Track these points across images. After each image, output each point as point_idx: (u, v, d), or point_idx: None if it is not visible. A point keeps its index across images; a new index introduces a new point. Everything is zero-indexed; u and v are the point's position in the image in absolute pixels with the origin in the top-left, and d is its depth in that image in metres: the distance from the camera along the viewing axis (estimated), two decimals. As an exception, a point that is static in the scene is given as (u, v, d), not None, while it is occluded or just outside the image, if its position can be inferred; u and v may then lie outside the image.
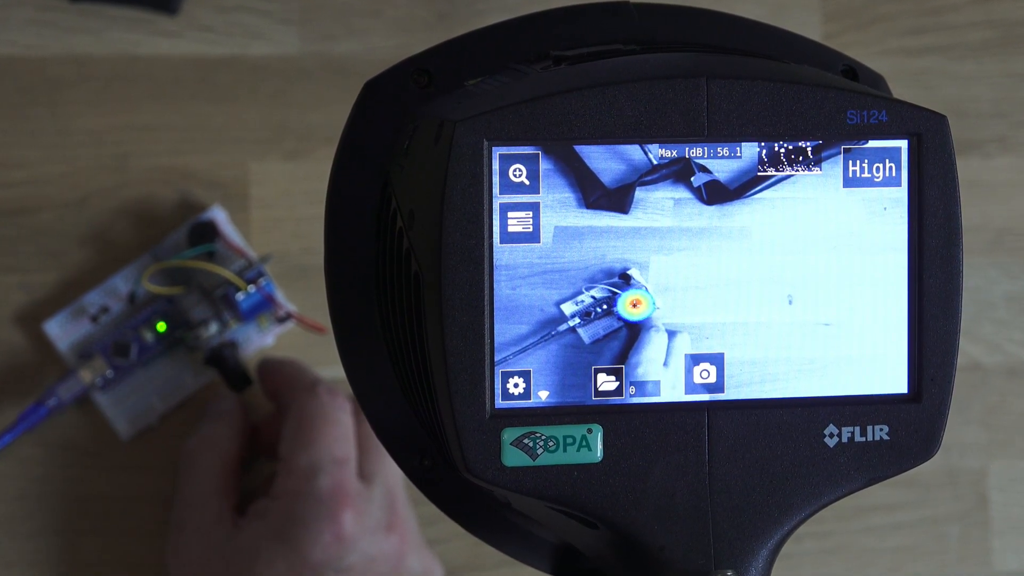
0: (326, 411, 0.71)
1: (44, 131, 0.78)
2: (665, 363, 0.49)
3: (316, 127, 0.80)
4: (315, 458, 0.70)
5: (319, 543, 0.68)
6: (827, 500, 0.49)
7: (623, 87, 0.47)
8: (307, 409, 0.71)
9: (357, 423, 0.73)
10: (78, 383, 0.76)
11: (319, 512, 0.69)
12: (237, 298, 0.76)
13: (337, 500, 0.69)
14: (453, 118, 0.47)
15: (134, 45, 0.79)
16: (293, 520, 0.69)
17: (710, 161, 0.48)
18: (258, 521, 0.70)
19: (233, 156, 0.79)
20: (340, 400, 0.72)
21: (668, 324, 0.48)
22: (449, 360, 0.47)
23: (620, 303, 0.48)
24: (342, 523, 0.68)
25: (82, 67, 0.78)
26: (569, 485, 0.48)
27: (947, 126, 0.49)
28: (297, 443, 0.71)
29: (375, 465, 0.72)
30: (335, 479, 0.69)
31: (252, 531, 0.70)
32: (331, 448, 0.70)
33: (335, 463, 0.70)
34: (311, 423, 0.71)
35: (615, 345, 0.48)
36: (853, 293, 0.49)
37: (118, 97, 0.78)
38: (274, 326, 0.78)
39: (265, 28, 0.80)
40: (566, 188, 0.48)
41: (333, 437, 0.71)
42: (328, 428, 0.71)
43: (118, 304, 0.77)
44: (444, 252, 0.47)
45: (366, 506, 0.70)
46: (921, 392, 0.50)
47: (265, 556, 0.69)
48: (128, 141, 0.78)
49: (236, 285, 0.75)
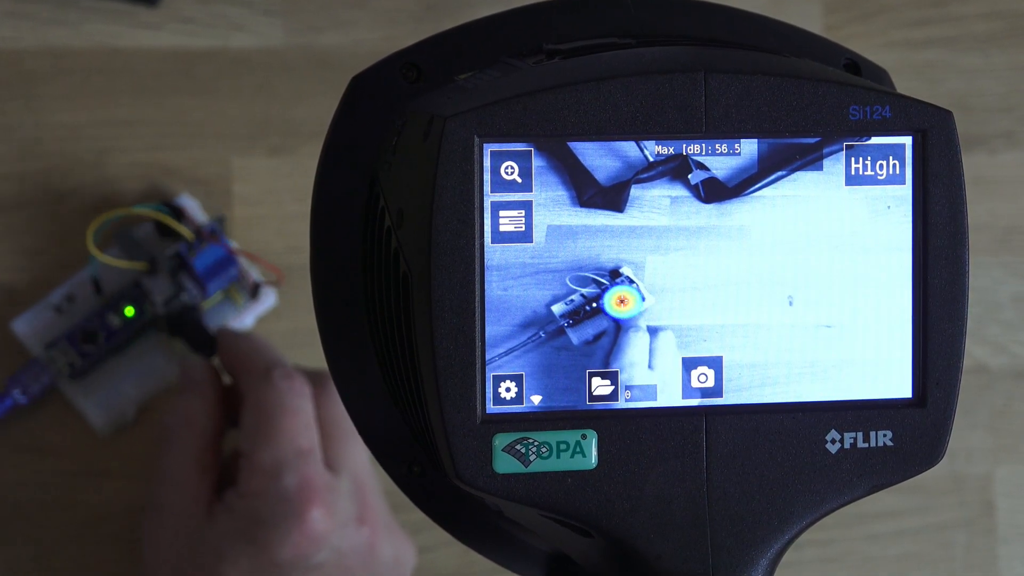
0: (284, 401, 0.70)
1: (20, 126, 0.78)
2: (650, 365, 0.49)
3: (301, 122, 0.80)
4: (278, 454, 0.69)
5: (287, 543, 0.68)
6: (829, 508, 0.49)
7: (618, 82, 0.47)
8: (264, 400, 0.70)
9: (318, 407, 0.72)
10: (43, 371, 0.75)
11: (286, 511, 0.68)
12: (191, 260, 0.75)
13: (304, 498, 0.68)
14: (443, 114, 0.47)
15: (113, 37, 0.79)
16: (259, 520, 0.68)
17: (708, 158, 0.48)
18: (226, 517, 0.70)
19: (215, 152, 0.79)
20: (298, 385, 0.71)
21: (650, 322, 0.48)
22: (439, 363, 0.47)
23: (607, 301, 0.48)
24: (310, 522, 0.68)
25: (59, 60, 0.78)
26: (562, 492, 0.48)
27: (952, 122, 0.49)
28: (258, 439, 0.70)
29: (341, 452, 0.71)
30: (301, 475, 0.69)
31: (220, 526, 0.70)
32: (294, 441, 0.69)
33: (299, 457, 0.69)
34: (270, 416, 0.70)
35: (605, 345, 0.48)
36: (855, 294, 0.49)
37: (96, 91, 0.78)
38: (251, 304, 0.77)
39: (248, 20, 0.80)
40: (559, 186, 0.48)
41: (294, 429, 0.70)
42: (288, 419, 0.70)
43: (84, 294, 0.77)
44: (434, 252, 0.47)
45: (334, 499, 0.69)
46: (926, 396, 0.50)
47: (232, 556, 0.68)
48: (107, 136, 0.78)
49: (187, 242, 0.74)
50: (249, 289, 0.77)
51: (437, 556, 0.80)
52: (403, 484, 0.54)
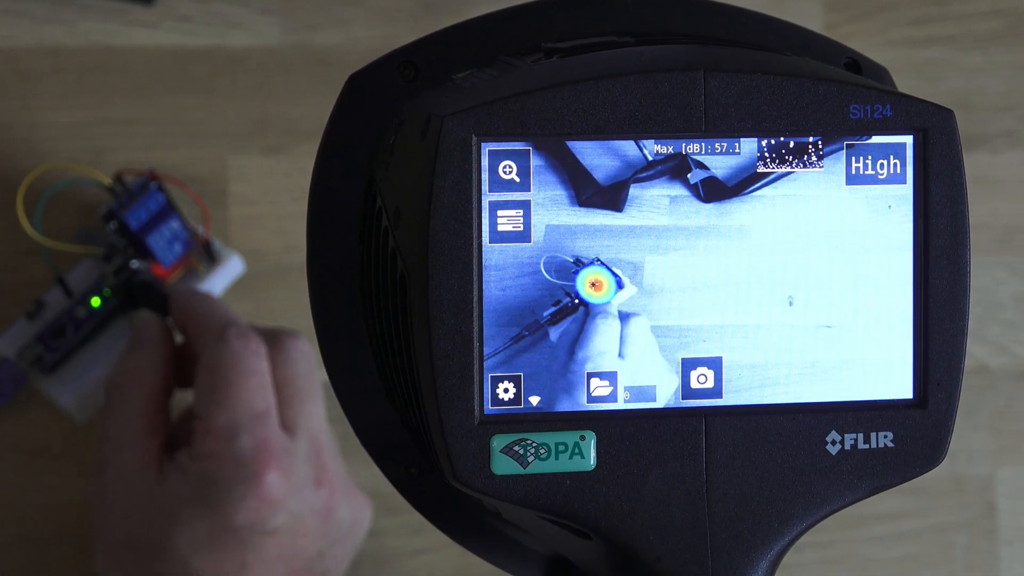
0: (239, 361, 0.69)
1: (16, 124, 0.78)
2: (620, 353, 0.48)
3: (298, 121, 0.80)
4: (234, 416, 0.68)
5: (242, 508, 0.67)
6: (829, 509, 0.49)
7: (617, 80, 0.47)
8: (219, 361, 0.69)
9: (274, 367, 0.71)
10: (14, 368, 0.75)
11: (242, 475, 0.67)
12: (127, 221, 0.75)
13: (260, 460, 0.67)
14: (440, 112, 0.47)
15: (109, 36, 0.79)
16: (214, 483, 0.67)
17: (708, 157, 0.48)
18: (179, 479, 0.69)
19: (211, 151, 0.79)
20: (253, 344, 0.70)
21: (622, 308, 0.48)
22: (436, 364, 0.47)
23: (579, 284, 0.48)
24: (266, 485, 0.67)
25: (55, 59, 0.78)
26: (561, 494, 0.48)
27: (954, 121, 0.49)
28: (213, 400, 0.69)
29: (297, 413, 0.70)
30: (256, 438, 0.68)
31: (173, 487, 0.69)
32: (249, 402, 0.68)
33: (255, 419, 0.68)
34: (225, 376, 0.69)
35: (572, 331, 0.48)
36: (856, 294, 0.49)
37: (92, 90, 0.78)
38: (214, 270, 0.76)
39: (245, 18, 0.80)
40: (558, 185, 0.47)
41: (250, 390, 0.69)
42: (243, 380, 0.69)
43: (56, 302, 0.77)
44: (431, 252, 0.47)
45: (291, 462, 0.69)
46: (927, 397, 0.50)
47: (185, 519, 0.68)
48: (102, 135, 0.78)
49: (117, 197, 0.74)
50: (200, 248, 0.76)
51: (435, 558, 0.80)
52: (401, 485, 0.54)
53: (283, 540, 0.69)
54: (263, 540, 0.68)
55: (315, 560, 0.71)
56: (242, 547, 0.68)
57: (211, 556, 0.68)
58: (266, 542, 0.68)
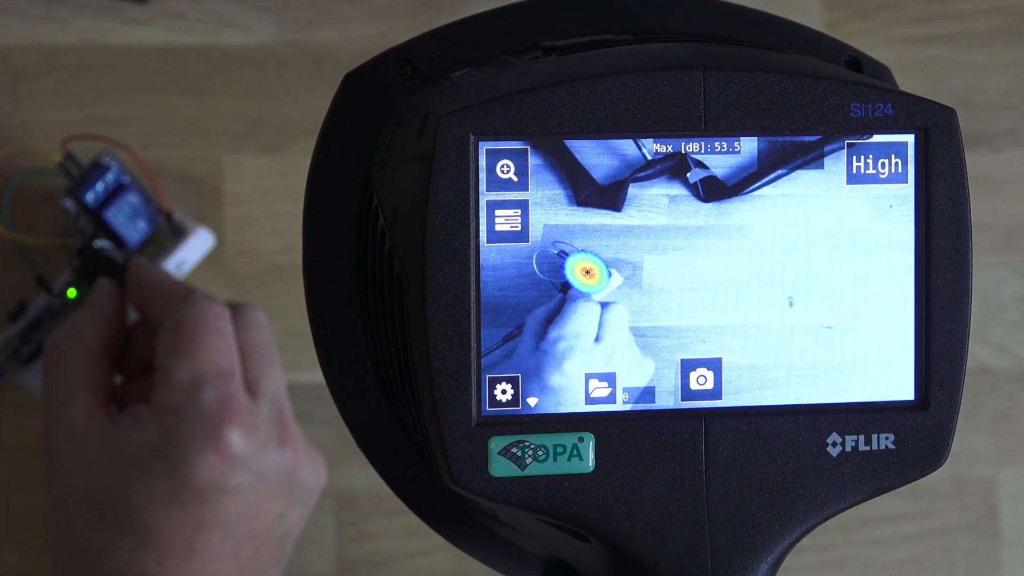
0: (207, 319, 0.69)
1: (8, 124, 0.78)
2: (597, 338, 0.48)
3: (293, 120, 0.80)
4: (199, 370, 0.68)
5: (203, 464, 0.66)
6: (830, 512, 0.49)
7: (616, 79, 0.47)
8: (186, 317, 0.69)
9: (237, 332, 0.70)
10: None
11: (203, 430, 0.67)
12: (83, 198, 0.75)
13: (223, 416, 0.67)
14: (437, 111, 0.47)
15: (103, 34, 0.79)
16: (174, 437, 0.67)
17: (707, 156, 0.48)
18: (136, 429, 0.68)
19: (206, 150, 0.79)
20: (219, 308, 0.70)
21: (604, 298, 0.48)
22: (433, 365, 0.47)
23: (569, 273, 0.48)
24: (228, 442, 0.67)
25: (48, 57, 0.78)
26: (559, 496, 0.48)
27: (955, 120, 0.49)
28: (177, 354, 0.68)
29: (260, 376, 0.70)
30: (221, 393, 0.67)
31: (129, 440, 0.68)
32: (215, 359, 0.68)
33: (220, 375, 0.68)
34: (192, 332, 0.68)
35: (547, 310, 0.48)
36: (857, 295, 0.49)
37: (86, 88, 0.78)
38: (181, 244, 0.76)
39: (240, 16, 0.80)
40: (556, 185, 0.47)
41: (215, 347, 0.69)
42: (210, 338, 0.69)
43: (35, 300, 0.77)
44: (428, 252, 0.47)
45: (254, 421, 0.68)
46: (928, 398, 0.50)
47: (143, 474, 0.67)
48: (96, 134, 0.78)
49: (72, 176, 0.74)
50: (164, 221, 0.76)
51: (432, 560, 0.80)
52: (397, 487, 0.54)
53: (243, 500, 0.68)
54: (223, 499, 0.67)
55: (275, 522, 0.70)
56: (201, 505, 0.67)
57: (169, 513, 0.67)
58: (225, 500, 0.67)
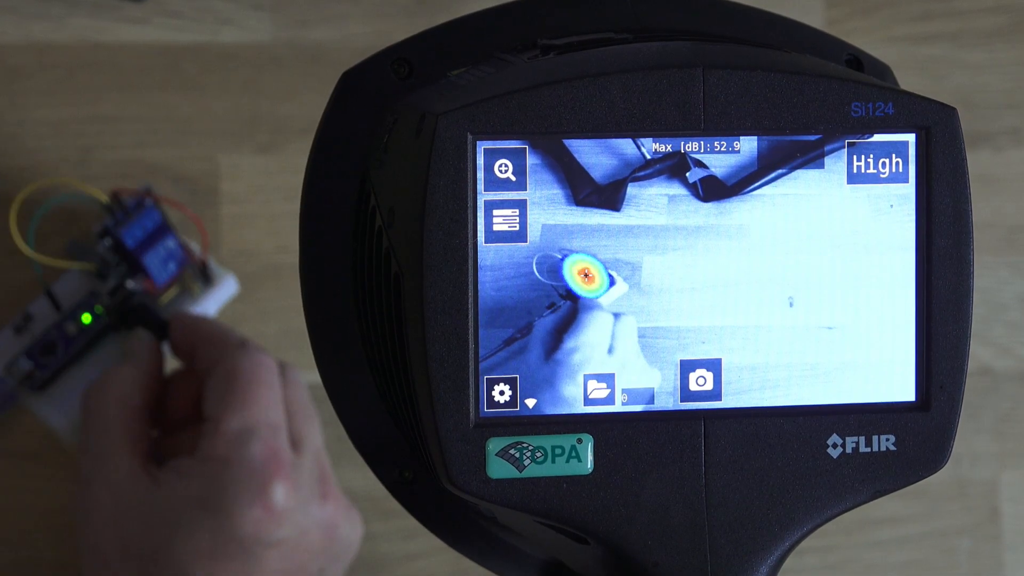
0: (259, 371, 0.70)
1: (2, 122, 0.78)
2: (609, 349, 0.48)
3: (290, 118, 0.80)
4: (249, 422, 0.68)
5: (249, 517, 0.67)
6: (830, 514, 0.49)
7: (615, 78, 0.47)
8: (239, 368, 0.70)
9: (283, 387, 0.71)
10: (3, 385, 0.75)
11: (250, 482, 0.67)
12: (123, 239, 0.75)
13: (270, 470, 0.67)
14: (435, 110, 0.47)
15: (98, 32, 0.79)
16: (221, 488, 0.67)
17: (706, 156, 0.48)
18: (180, 481, 0.68)
19: (202, 149, 0.79)
20: (271, 361, 0.71)
21: (616, 309, 0.48)
22: (431, 366, 0.47)
23: (567, 275, 0.48)
24: (274, 495, 0.67)
25: (43, 55, 0.78)
26: (558, 498, 0.48)
27: (957, 119, 0.49)
28: (228, 403, 0.69)
29: (303, 432, 0.71)
30: (269, 446, 0.68)
31: (173, 492, 0.68)
32: (266, 412, 0.69)
33: (269, 428, 0.68)
34: (245, 383, 0.69)
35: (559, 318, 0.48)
36: (857, 295, 0.49)
37: (81, 87, 0.78)
38: (208, 291, 0.77)
39: (236, 14, 0.80)
40: (554, 184, 0.47)
41: (268, 400, 0.69)
42: (263, 390, 0.69)
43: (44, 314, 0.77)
44: (426, 252, 0.47)
45: (298, 476, 0.69)
46: (929, 399, 0.50)
47: (187, 526, 0.67)
48: (91, 133, 0.78)
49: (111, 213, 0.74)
50: (198, 268, 0.76)
51: (430, 563, 0.80)
52: (395, 490, 0.54)
53: (286, 554, 0.69)
54: (266, 552, 0.68)
55: None
56: (245, 558, 0.68)
57: (212, 566, 0.67)
58: (269, 554, 0.68)
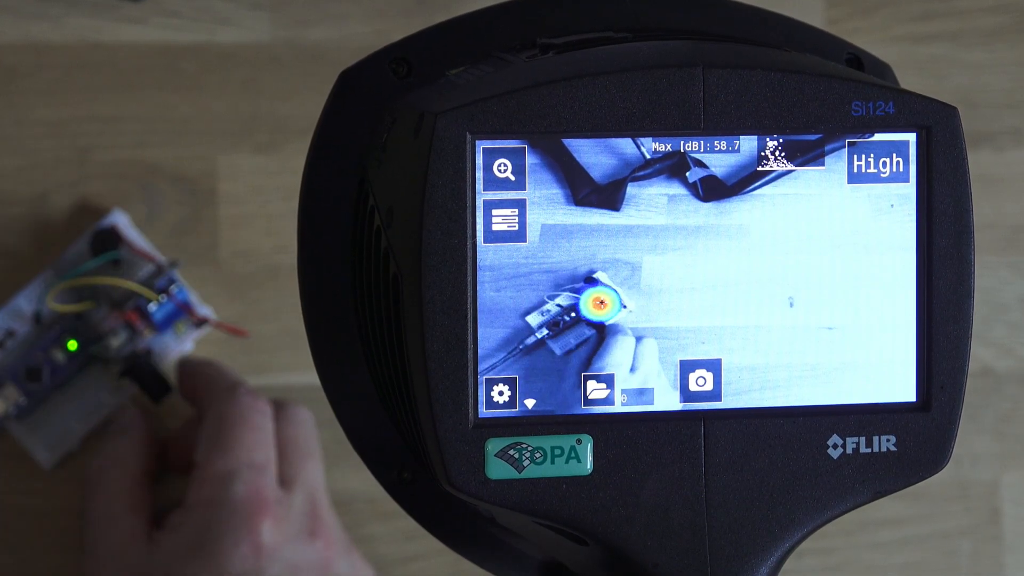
0: (245, 415, 0.71)
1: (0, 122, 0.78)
2: (632, 368, 0.48)
3: (289, 118, 0.79)
4: (231, 464, 0.70)
5: (236, 555, 0.68)
6: (831, 515, 0.49)
7: (614, 77, 0.47)
8: (225, 413, 0.72)
9: (279, 427, 0.73)
10: None
11: (235, 522, 0.68)
12: (149, 309, 0.76)
13: (254, 508, 0.69)
14: (434, 110, 0.47)
15: (96, 32, 0.79)
16: (208, 531, 0.69)
17: (706, 155, 0.48)
18: (173, 534, 0.70)
19: (200, 149, 0.79)
20: (261, 403, 0.72)
21: (636, 328, 0.48)
22: (430, 366, 0.47)
23: (583, 304, 0.48)
24: (259, 532, 0.68)
25: (40, 55, 0.78)
26: (557, 499, 0.48)
27: (958, 118, 0.49)
28: (214, 448, 0.71)
29: (296, 470, 0.72)
30: (251, 486, 0.69)
31: (168, 545, 0.70)
32: (249, 453, 0.70)
33: (252, 469, 0.70)
34: (229, 427, 0.71)
35: (586, 351, 0.48)
36: (858, 295, 0.49)
37: (78, 87, 0.78)
38: (191, 331, 0.77)
39: (234, 13, 0.80)
40: (554, 184, 0.47)
41: (252, 442, 0.71)
42: (246, 433, 0.71)
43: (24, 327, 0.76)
44: (424, 252, 0.47)
45: (285, 513, 0.70)
46: (930, 400, 0.50)
47: (179, 571, 0.69)
48: (89, 133, 0.78)
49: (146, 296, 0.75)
50: (195, 322, 0.77)
51: (428, 564, 0.80)
52: (393, 491, 0.54)
53: None
54: None
55: None
56: None
57: None
58: None
